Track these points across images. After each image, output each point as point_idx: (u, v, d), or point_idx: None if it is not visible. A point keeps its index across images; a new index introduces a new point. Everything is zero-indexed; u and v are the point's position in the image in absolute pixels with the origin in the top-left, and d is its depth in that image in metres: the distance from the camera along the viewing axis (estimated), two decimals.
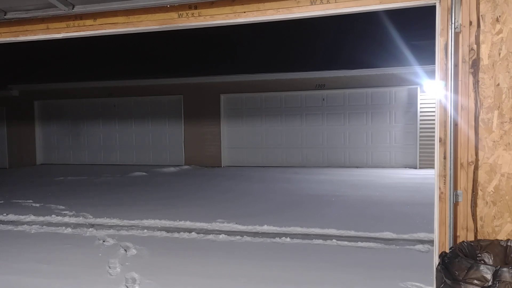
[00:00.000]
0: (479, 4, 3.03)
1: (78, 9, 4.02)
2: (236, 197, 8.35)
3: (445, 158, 3.12)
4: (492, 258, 2.86)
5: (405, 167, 12.11)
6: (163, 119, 14.17)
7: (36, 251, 5.16)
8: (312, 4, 3.46)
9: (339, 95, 12.73)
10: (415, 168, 11.91)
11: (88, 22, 4.10)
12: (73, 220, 6.71)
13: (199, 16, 3.77)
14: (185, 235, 5.74)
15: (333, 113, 12.80)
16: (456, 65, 3.09)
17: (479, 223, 3.11)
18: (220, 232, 5.86)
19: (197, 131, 13.68)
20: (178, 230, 6.00)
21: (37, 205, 7.86)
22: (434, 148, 3.25)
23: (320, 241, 5.34)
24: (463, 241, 2.93)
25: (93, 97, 14.53)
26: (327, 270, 4.36)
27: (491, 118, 3.06)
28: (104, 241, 5.49)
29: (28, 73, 15.63)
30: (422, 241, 5.24)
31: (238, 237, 5.60)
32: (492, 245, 2.88)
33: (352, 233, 5.63)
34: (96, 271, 4.42)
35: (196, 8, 3.76)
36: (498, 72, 3.03)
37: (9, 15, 4.25)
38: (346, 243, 5.27)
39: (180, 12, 3.80)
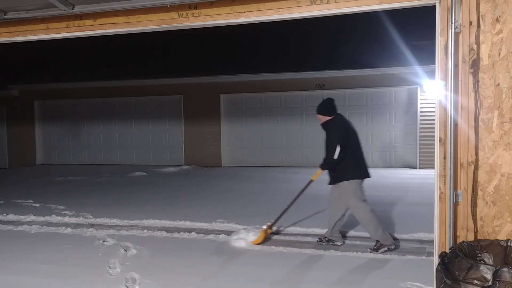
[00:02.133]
0: (479, 4, 3.03)
1: (78, 9, 4.02)
2: (236, 197, 8.34)
3: (445, 158, 3.12)
4: (492, 258, 2.86)
5: (405, 167, 12.10)
6: (163, 119, 14.16)
7: (36, 251, 5.16)
8: (312, 4, 3.46)
9: (339, 95, 12.69)
10: (415, 168, 11.89)
11: (88, 22, 4.10)
12: (73, 220, 6.71)
13: (199, 16, 3.77)
14: (185, 235, 5.74)
15: None
16: (456, 65, 3.09)
17: (479, 223, 3.11)
18: (220, 232, 5.85)
19: (197, 131, 13.67)
20: (178, 230, 6.00)
21: (37, 205, 7.85)
22: (434, 148, 3.26)
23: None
24: (463, 241, 2.93)
25: (93, 97, 14.52)
26: (327, 269, 4.36)
27: (491, 118, 3.06)
28: (104, 241, 5.48)
29: (28, 73, 15.62)
30: (422, 241, 5.25)
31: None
32: (492, 245, 2.88)
33: (352, 233, 5.64)
34: (96, 271, 4.42)
35: (196, 8, 3.76)
36: (498, 72, 3.03)
37: (9, 15, 4.25)
38: (346, 242, 5.27)
39: (180, 12, 3.80)
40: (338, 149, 4.85)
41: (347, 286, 3.95)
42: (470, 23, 3.05)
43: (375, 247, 4.86)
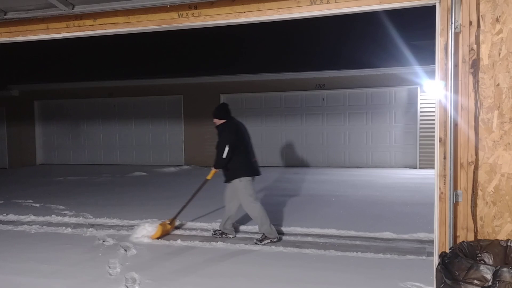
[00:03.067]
0: (479, 4, 3.03)
1: (78, 9, 4.02)
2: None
3: (445, 158, 3.12)
4: (492, 258, 2.86)
5: (405, 167, 12.10)
6: (163, 119, 14.15)
7: (36, 251, 5.16)
8: (312, 4, 3.46)
9: (339, 95, 12.72)
10: (415, 168, 11.89)
11: (88, 22, 4.10)
12: (73, 220, 6.71)
13: (199, 16, 3.77)
14: (185, 235, 5.75)
15: (333, 113, 12.79)
16: (456, 65, 3.09)
17: (479, 223, 3.11)
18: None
19: (197, 131, 13.66)
20: (178, 230, 5.99)
21: (37, 205, 7.85)
22: (434, 148, 3.26)
23: (320, 241, 5.35)
24: (463, 241, 2.93)
25: (93, 97, 14.51)
26: (327, 269, 4.36)
27: (491, 118, 3.06)
28: (104, 241, 5.49)
29: (28, 73, 15.62)
30: (422, 241, 5.25)
31: (238, 237, 5.60)
32: (492, 245, 2.88)
33: (352, 233, 5.64)
34: (96, 271, 4.42)
35: (196, 8, 3.76)
36: (498, 72, 3.03)
37: (9, 15, 4.25)
38: (346, 242, 5.28)
39: (180, 12, 3.80)
40: (226, 149, 5.35)
41: (347, 285, 3.95)
42: (470, 23, 3.05)
43: (260, 239, 5.35)
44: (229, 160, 5.36)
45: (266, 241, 5.28)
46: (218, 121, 5.63)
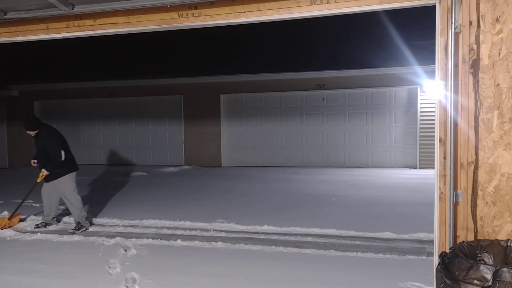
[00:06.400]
0: (479, 4, 3.04)
1: (78, 9, 4.02)
2: (236, 197, 8.35)
3: (445, 158, 3.13)
4: (492, 258, 2.86)
5: (405, 167, 12.10)
6: (163, 119, 14.15)
7: (36, 251, 5.16)
8: (312, 4, 3.46)
9: (339, 95, 12.72)
10: (415, 168, 11.89)
11: (88, 22, 4.10)
12: (72, 220, 6.69)
13: (199, 16, 3.77)
14: (185, 235, 5.75)
15: (333, 113, 12.79)
16: (456, 65, 3.09)
17: (479, 223, 3.11)
18: (220, 232, 5.86)
19: (197, 131, 13.67)
20: (179, 230, 6.00)
21: (37, 205, 7.84)
22: (434, 148, 3.26)
23: (320, 241, 5.35)
24: (463, 241, 2.93)
25: (93, 97, 14.51)
26: (327, 269, 4.36)
27: (491, 118, 3.06)
28: (104, 241, 5.49)
29: (28, 73, 15.61)
30: (422, 241, 5.25)
31: (238, 237, 5.61)
32: (492, 245, 2.89)
33: (352, 233, 5.64)
34: (96, 271, 4.42)
35: (196, 8, 3.76)
36: (498, 72, 3.03)
37: (9, 15, 4.25)
38: (346, 242, 5.28)
39: (180, 12, 3.81)
40: (62, 152, 6.04)
41: (347, 285, 3.95)
42: (470, 23, 3.06)
43: (77, 228, 6.07)
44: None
45: (82, 229, 6.04)
46: (33, 132, 6.07)
